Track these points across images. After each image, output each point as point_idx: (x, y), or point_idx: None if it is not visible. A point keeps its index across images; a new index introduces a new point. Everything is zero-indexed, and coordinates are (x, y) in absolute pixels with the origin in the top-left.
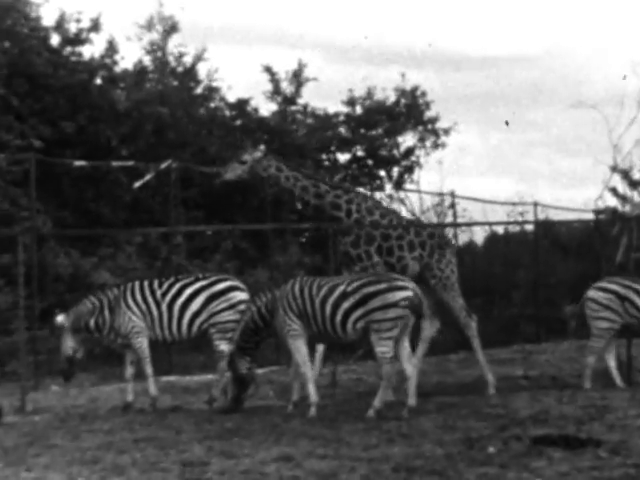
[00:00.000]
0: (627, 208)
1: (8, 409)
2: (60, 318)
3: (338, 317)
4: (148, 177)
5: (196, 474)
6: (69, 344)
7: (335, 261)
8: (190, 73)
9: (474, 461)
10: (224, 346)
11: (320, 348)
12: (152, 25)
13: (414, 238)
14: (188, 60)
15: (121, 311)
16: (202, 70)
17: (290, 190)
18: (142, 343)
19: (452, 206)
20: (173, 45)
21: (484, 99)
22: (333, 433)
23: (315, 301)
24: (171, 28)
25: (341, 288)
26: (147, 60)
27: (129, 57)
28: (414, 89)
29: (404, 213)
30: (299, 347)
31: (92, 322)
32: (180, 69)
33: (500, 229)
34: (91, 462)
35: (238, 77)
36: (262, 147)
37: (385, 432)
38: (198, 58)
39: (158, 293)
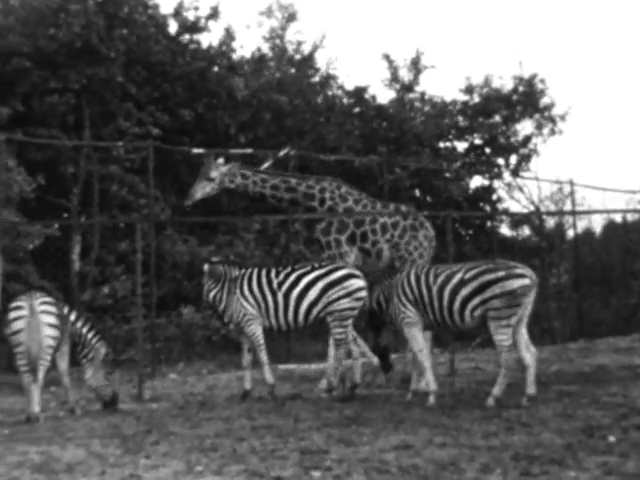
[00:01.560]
0: None
1: (126, 397)
2: (205, 267)
3: (456, 305)
4: (266, 165)
5: (315, 462)
6: (205, 287)
7: (453, 248)
8: (308, 61)
9: (594, 450)
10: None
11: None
12: (271, 13)
13: (387, 220)
14: (306, 48)
15: (235, 297)
16: (320, 58)
17: (261, 193)
18: (255, 331)
19: (571, 194)
20: (291, 33)
21: (600, 83)
22: (452, 421)
23: (432, 289)
24: (290, 16)
25: (459, 276)
26: (266, 48)
27: (248, 45)
28: (532, 76)
29: (523, 201)
30: (415, 335)
31: (211, 295)
32: (298, 57)
33: (618, 217)
34: (210, 450)
35: (355, 65)
36: (221, 160)
37: (504, 420)
38: (316, 46)
39: (275, 282)
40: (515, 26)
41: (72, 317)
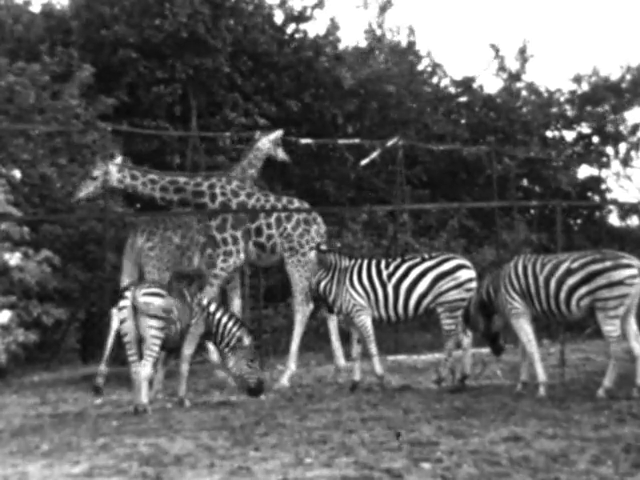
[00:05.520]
0: None
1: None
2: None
3: (562, 295)
4: (374, 155)
5: (425, 454)
6: (315, 277)
7: (562, 239)
8: (411, 50)
9: None
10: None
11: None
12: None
13: (281, 213)
14: (404, 38)
15: (344, 288)
16: (423, 47)
17: (150, 195)
18: (364, 322)
19: None
20: (390, 22)
21: None
22: (562, 413)
23: (539, 279)
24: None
25: (565, 265)
26: (369, 37)
27: (352, 35)
28: (639, 65)
29: (632, 190)
30: (523, 326)
31: (322, 285)
32: (401, 46)
33: None
34: (319, 442)
35: (460, 53)
36: (119, 159)
37: (615, 412)
38: (412, 32)
39: (384, 274)
40: (619, 13)
41: (212, 308)
